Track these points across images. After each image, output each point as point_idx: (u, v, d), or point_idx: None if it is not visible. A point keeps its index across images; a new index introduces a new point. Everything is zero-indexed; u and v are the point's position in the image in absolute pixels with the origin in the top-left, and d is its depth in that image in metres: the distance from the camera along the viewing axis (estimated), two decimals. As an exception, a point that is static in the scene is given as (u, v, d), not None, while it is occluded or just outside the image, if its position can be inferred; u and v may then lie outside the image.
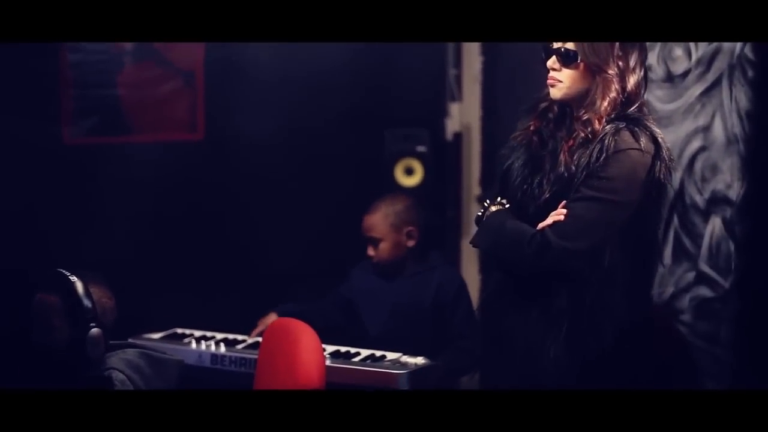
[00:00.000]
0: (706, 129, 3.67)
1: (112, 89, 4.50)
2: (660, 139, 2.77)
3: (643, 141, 2.73)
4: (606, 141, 2.72)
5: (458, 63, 4.94)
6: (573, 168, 2.76)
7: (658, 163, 2.74)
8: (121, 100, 4.51)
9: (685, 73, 3.75)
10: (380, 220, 3.99)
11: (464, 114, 4.93)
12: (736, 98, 3.59)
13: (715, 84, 3.65)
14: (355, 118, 4.79)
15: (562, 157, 2.78)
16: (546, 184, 2.80)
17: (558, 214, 2.75)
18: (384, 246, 3.99)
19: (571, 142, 2.80)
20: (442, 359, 3.75)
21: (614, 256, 2.74)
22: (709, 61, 3.67)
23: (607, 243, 2.74)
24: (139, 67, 4.53)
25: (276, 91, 4.69)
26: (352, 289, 4.11)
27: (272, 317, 3.99)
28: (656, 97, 3.83)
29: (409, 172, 4.74)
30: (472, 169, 4.94)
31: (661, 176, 2.76)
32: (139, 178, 4.48)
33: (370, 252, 4.02)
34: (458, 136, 4.95)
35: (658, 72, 3.83)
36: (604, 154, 2.71)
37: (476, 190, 4.90)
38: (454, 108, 4.94)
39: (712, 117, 3.65)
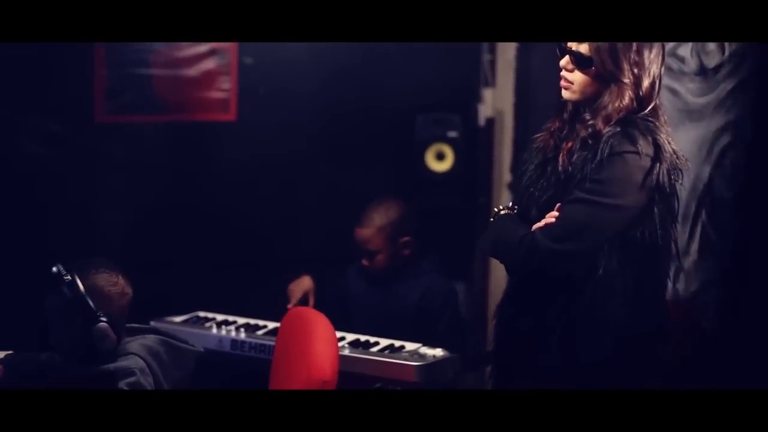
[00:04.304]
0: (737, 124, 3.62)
1: (145, 68, 4.50)
2: (661, 142, 2.68)
3: (641, 143, 2.66)
4: (602, 144, 2.67)
5: (492, 48, 4.89)
6: (570, 169, 2.73)
7: (658, 165, 2.67)
8: (153, 79, 4.52)
9: (718, 67, 3.69)
10: (375, 233, 3.90)
11: (497, 100, 4.89)
12: (768, 94, 3.53)
13: (748, 79, 3.59)
14: (387, 102, 4.76)
15: (560, 158, 2.75)
16: (546, 187, 2.78)
17: (551, 217, 2.73)
18: (380, 258, 3.93)
19: (570, 143, 2.76)
20: None
21: (612, 263, 2.69)
22: (742, 56, 3.61)
23: (601, 248, 2.69)
24: (172, 47, 4.52)
25: (310, 74, 4.67)
26: (347, 286, 4.07)
27: (306, 281, 3.99)
28: (688, 90, 3.78)
29: (441, 157, 4.71)
30: (503, 156, 4.90)
31: (662, 179, 2.68)
32: (168, 157, 4.50)
33: (365, 262, 3.96)
34: (491, 121, 4.91)
35: (691, 65, 3.77)
36: (598, 157, 2.66)
37: (507, 176, 4.86)
38: (487, 93, 4.90)
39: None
